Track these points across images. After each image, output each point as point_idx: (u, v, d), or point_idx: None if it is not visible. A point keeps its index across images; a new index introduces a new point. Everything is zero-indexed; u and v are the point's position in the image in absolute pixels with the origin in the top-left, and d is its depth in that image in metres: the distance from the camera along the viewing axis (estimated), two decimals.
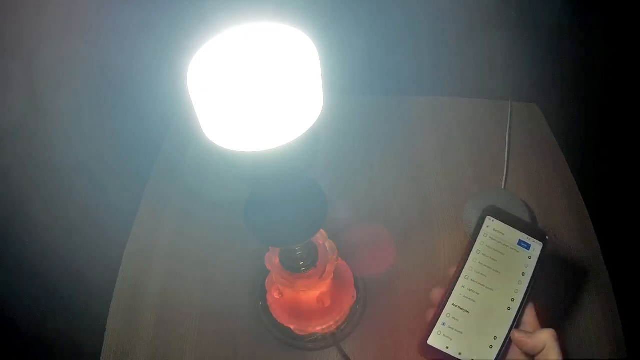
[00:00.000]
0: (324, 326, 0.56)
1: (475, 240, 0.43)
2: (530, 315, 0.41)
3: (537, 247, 0.43)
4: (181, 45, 0.40)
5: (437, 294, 0.44)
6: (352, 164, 0.74)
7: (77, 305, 0.60)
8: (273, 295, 0.56)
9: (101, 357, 0.57)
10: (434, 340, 0.41)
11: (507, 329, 0.40)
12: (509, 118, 0.78)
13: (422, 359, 0.42)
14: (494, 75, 0.80)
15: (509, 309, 0.41)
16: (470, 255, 0.43)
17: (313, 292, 0.53)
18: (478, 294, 0.41)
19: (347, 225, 0.64)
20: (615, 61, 0.64)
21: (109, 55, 0.65)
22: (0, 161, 0.51)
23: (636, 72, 0.60)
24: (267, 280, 0.58)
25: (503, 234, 0.43)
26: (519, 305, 0.41)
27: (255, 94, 0.29)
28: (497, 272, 0.42)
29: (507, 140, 0.75)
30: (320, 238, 0.53)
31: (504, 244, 0.43)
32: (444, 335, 0.41)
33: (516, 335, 0.40)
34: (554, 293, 0.57)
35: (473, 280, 0.42)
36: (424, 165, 0.74)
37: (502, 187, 0.70)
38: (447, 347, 0.40)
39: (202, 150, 0.39)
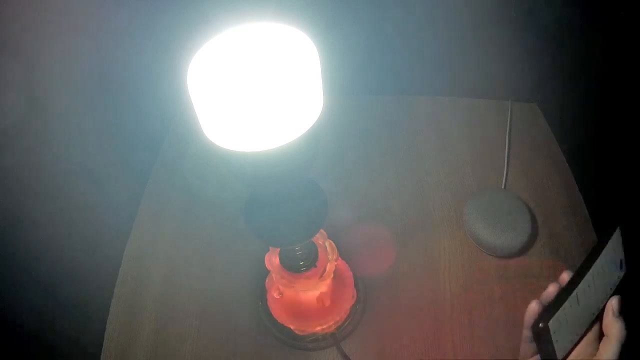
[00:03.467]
0: (324, 326, 0.56)
1: (605, 245, 0.44)
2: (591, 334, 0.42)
3: (622, 273, 0.46)
4: (181, 45, 0.40)
5: (566, 276, 0.43)
6: (352, 164, 0.74)
7: (77, 305, 0.59)
8: (273, 295, 0.56)
9: (101, 357, 0.57)
10: (553, 323, 0.40)
11: (584, 330, 0.42)
12: (509, 118, 0.78)
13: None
14: (494, 75, 0.80)
15: (593, 314, 0.42)
16: (599, 257, 0.43)
17: (313, 292, 0.53)
18: (588, 292, 0.42)
19: (347, 225, 0.64)
20: (615, 61, 0.64)
21: (109, 55, 0.65)
22: (0, 161, 0.51)
23: (636, 72, 0.60)
24: (267, 280, 0.58)
25: (616, 249, 0.45)
26: (596, 317, 0.43)
27: (255, 94, 0.29)
28: (602, 279, 0.44)
29: (507, 140, 0.75)
30: (320, 238, 0.53)
31: (614, 258, 0.45)
32: (559, 320, 0.40)
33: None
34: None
35: (593, 278, 0.43)
36: (424, 165, 0.74)
37: (502, 187, 0.70)
38: (554, 332, 0.40)
39: (202, 150, 0.39)
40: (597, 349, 0.41)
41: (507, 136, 0.75)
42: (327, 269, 0.52)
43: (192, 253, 0.65)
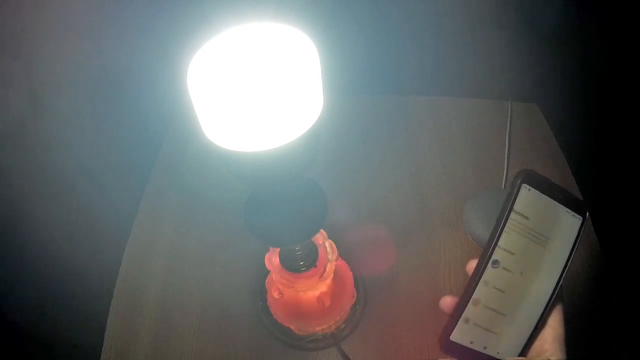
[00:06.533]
0: (324, 326, 0.56)
1: (509, 214, 0.34)
2: (555, 319, 0.35)
3: (576, 222, 0.36)
4: (181, 45, 0.40)
5: (472, 265, 0.36)
6: (352, 164, 0.74)
7: (77, 305, 0.60)
8: (273, 295, 0.56)
9: (101, 357, 0.57)
10: (457, 336, 0.35)
11: (538, 317, 0.35)
12: (509, 118, 0.78)
13: (435, 357, 0.36)
14: (494, 75, 0.80)
15: (546, 295, 0.35)
16: (503, 234, 0.34)
17: (313, 292, 0.53)
18: (510, 278, 0.35)
19: (347, 225, 0.64)
20: (615, 61, 0.64)
21: (109, 55, 0.65)
22: (0, 161, 0.51)
23: (636, 72, 0.60)
24: (267, 280, 0.58)
25: (543, 207, 0.36)
26: (552, 290, 0.35)
27: (255, 94, 0.29)
28: (532, 252, 0.35)
29: (507, 140, 0.75)
30: (320, 238, 0.53)
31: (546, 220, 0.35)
32: (468, 329, 0.35)
33: None
34: None
35: (504, 264, 0.34)
36: (424, 164, 0.74)
37: (502, 187, 0.70)
38: (471, 342, 0.35)
39: (202, 150, 0.39)
40: None
41: (507, 136, 0.76)
42: (327, 269, 0.52)
43: (192, 253, 0.65)
